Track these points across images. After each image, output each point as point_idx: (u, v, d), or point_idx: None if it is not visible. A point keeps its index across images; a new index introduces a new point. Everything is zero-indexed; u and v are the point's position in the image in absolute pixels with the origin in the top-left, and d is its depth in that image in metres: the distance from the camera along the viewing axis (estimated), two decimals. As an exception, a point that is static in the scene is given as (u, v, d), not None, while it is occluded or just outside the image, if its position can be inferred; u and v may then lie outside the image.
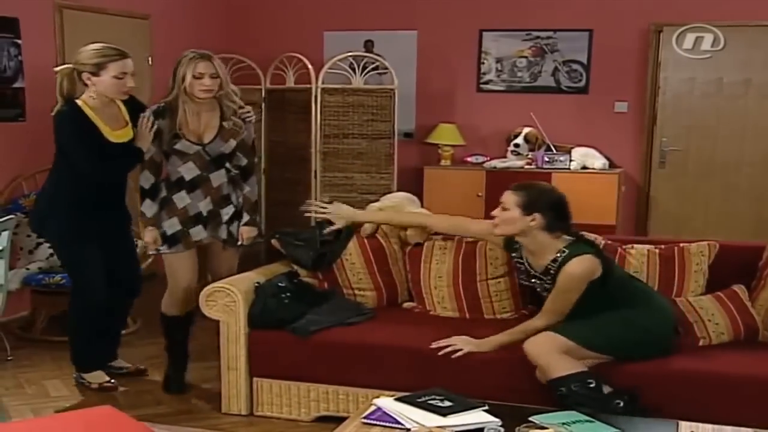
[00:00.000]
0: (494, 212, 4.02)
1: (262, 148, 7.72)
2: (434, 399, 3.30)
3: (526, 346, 3.85)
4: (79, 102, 4.45)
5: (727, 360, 3.92)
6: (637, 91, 7.71)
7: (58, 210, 4.58)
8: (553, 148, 7.56)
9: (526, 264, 4.08)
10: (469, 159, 7.79)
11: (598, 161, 7.45)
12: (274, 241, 4.79)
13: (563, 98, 7.89)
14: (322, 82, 7.28)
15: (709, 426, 3.19)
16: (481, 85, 8.09)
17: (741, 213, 7.48)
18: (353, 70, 7.45)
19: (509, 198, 3.96)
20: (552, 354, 3.77)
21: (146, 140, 4.51)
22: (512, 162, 7.57)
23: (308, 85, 7.23)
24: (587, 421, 3.20)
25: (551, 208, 3.92)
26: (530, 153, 7.56)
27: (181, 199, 4.56)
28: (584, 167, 7.45)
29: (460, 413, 3.17)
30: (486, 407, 3.27)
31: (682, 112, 7.60)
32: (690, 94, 7.57)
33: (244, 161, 4.66)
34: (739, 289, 4.29)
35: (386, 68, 7.55)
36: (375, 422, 3.16)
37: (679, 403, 3.68)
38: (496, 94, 8.06)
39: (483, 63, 8.05)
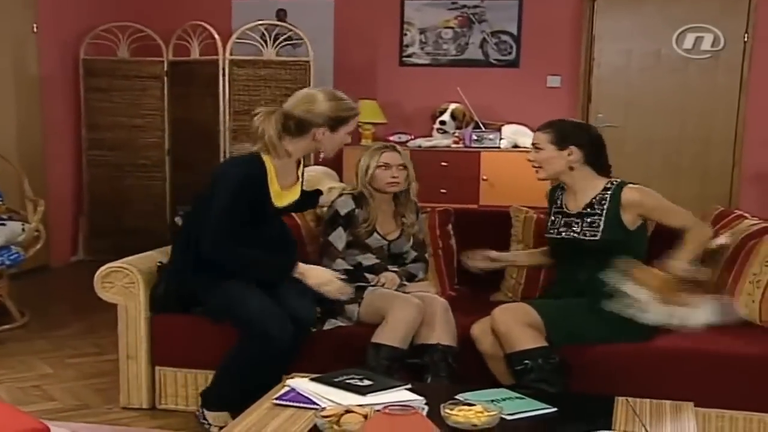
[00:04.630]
0: (530, 156, 4.08)
1: (165, 126, 7.68)
2: (353, 378, 3.31)
3: (495, 314, 3.86)
4: (264, 157, 3.92)
5: (665, 338, 4.00)
6: (571, 64, 7.85)
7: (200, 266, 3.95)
8: (481, 126, 7.63)
9: (564, 209, 4.08)
10: (391, 138, 7.78)
11: (529, 139, 7.35)
12: (178, 219, 4.74)
13: (492, 72, 7.97)
14: (231, 54, 7.27)
15: (647, 400, 3.26)
16: (404, 59, 8.14)
17: (683, 193, 7.58)
18: (264, 40, 7.45)
19: (539, 137, 4.03)
20: (519, 325, 3.79)
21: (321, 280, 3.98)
22: (438, 140, 7.63)
23: (215, 57, 7.22)
24: (518, 398, 3.25)
25: (585, 140, 3.99)
26: (457, 131, 7.63)
27: None
28: (515, 146, 7.54)
29: (381, 392, 3.18)
30: (409, 386, 3.29)
31: (619, 86, 7.78)
32: (627, 67, 7.73)
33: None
34: (676, 262, 4.39)
35: (301, 39, 7.55)
36: (287, 403, 3.16)
37: (615, 382, 3.75)
38: (420, 67, 8.11)
39: (405, 34, 8.09)
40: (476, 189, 7.46)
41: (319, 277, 3.97)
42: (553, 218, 4.17)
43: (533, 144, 4.08)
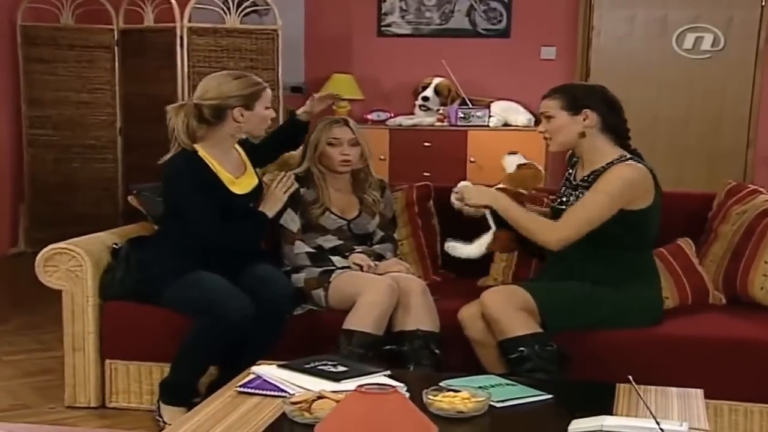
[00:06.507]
0: (540, 127, 4.05)
1: (116, 102, 7.64)
2: (326, 365, 3.31)
3: (484, 297, 3.88)
4: (196, 146, 4.20)
5: (672, 323, 4.02)
6: (567, 33, 7.86)
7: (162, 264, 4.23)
8: (468, 102, 7.64)
9: (572, 178, 4.09)
10: (369, 116, 7.82)
11: (522, 116, 7.55)
12: (131, 199, 4.72)
13: (480, 43, 7.99)
14: (189, 21, 7.23)
15: (652, 387, 3.26)
16: (383, 28, 8.14)
17: (690, 176, 7.66)
18: (227, 7, 7.41)
19: (548, 105, 3.97)
20: (511, 310, 3.81)
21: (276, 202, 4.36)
22: (421, 119, 7.65)
23: (171, 25, 7.17)
24: (508, 384, 3.26)
25: (601, 102, 3.94)
26: (442, 108, 7.64)
27: None
28: (506, 124, 7.56)
29: (357, 378, 3.17)
30: (388, 372, 3.29)
31: (621, 57, 7.79)
32: (629, 37, 7.75)
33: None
34: (685, 243, 4.41)
35: (267, 5, 7.53)
36: (253, 391, 3.16)
37: (618, 372, 3.74)
38: (401, 38, 8.11)
39: (384, 1, 8.09)
40: (463, 171, 7.42)
41: (274, 200, 4.33)
42: (562, 185, 4.19)
43: (542, 113, 4.02)
